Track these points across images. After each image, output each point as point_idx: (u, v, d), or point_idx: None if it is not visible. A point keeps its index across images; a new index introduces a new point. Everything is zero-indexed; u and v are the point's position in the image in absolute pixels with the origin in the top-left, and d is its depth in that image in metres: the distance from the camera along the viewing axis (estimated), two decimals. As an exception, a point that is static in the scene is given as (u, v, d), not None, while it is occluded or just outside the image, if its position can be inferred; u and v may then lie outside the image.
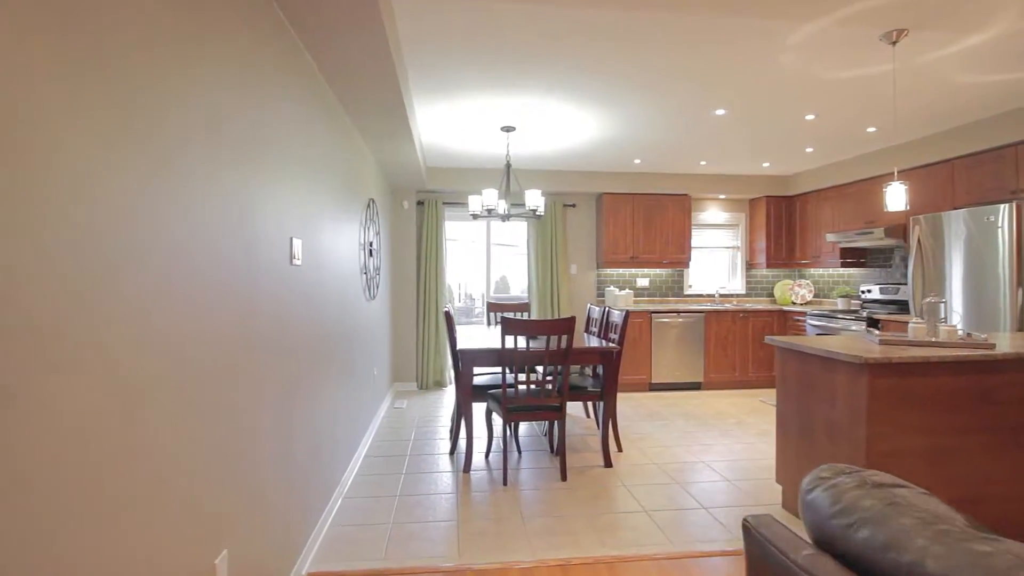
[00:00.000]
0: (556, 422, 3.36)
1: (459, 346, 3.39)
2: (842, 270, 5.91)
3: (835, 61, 2.92)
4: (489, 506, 2.87)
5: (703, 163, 5.51)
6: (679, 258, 6.12)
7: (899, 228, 4.71)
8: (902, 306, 4.96)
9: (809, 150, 4.93)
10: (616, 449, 3.77)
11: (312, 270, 2.47)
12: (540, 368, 3.82)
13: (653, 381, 5.76)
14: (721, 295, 6.54)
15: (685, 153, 5.10)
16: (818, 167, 5.72)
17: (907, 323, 4.40)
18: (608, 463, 3.43)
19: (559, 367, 3.24)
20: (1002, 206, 3.48)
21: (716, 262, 6.64)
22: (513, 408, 3.21)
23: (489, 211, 3.95)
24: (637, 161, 5.42)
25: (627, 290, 6.23)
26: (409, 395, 5.59)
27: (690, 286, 6.51)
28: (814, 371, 2.58)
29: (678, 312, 5.79)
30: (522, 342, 3.50)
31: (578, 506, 2.87)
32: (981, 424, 2.37)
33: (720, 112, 3.76)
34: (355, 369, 3.53)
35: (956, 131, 4.16)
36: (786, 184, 6.26)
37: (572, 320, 3.16)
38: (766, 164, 5.59)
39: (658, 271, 6.43)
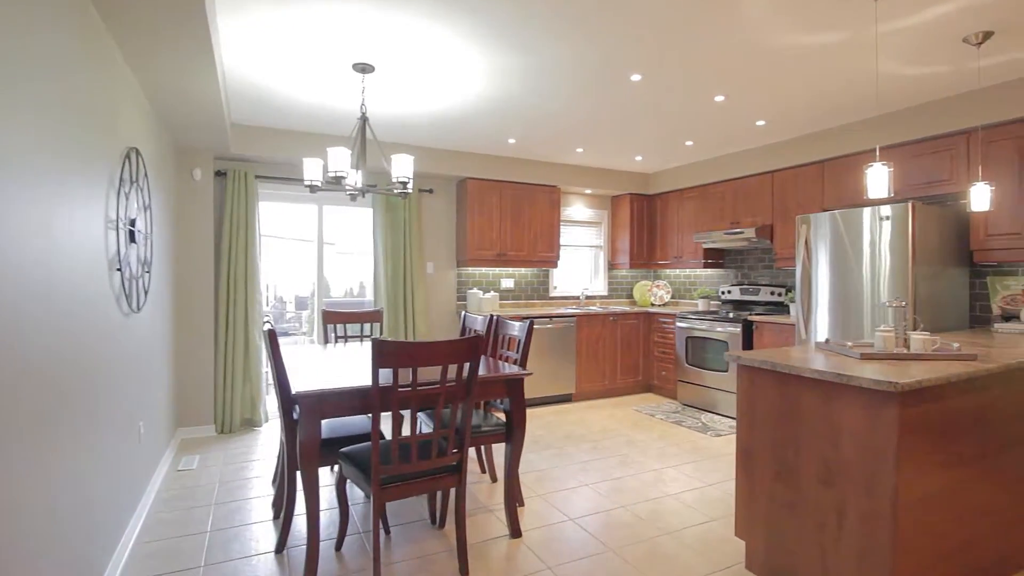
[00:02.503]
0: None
1: (296, 387, 2.13)
2: (698, 271, 5.90)
3: (783, 27, 2.43)
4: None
5: (580, 150, 4.93)
6: (549, 256, 5.49)
7: (767, 228, 4.68)
8: (766, 307, 5.00)
9: (689, 143, 4.67)
10: (517, 503, 2.87)
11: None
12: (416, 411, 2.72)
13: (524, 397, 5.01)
14: (586, 297, 6.11)
15: (568, 135, 4.44)
16: (682, 165, 5.59)
17: (778, 324, 4.39)
18: (516, 531, 2.50)
19: (460, 407, 2.21)
20: (865, 210, 3.46)
21: (580, 262, 6.20)
22: (390, 480, 2.09)
23: (337, 179, 2.72)
24: (512, 141, 4.61)
25: (492, 292, 5.41)
26: (203, 445, 3.95)
27: (555, 287, 5.95)
28: (804, 398, 2.00)
29: (550, 317, 5.14)
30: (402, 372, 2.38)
31: (500, 624, 1.89)
32: (980, 450, 2.03)
33: (636, 78, 3.11)
34: (98, 422, 2.03)
35: (827, 133, 4.18)
36: (648, 182, 6.08)
37: (478, 340, 2.16)
38: (639, 158, 5.25)
39: (523, 271, 5.73)
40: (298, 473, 2.57)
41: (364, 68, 2.98)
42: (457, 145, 4.81)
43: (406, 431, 3.82)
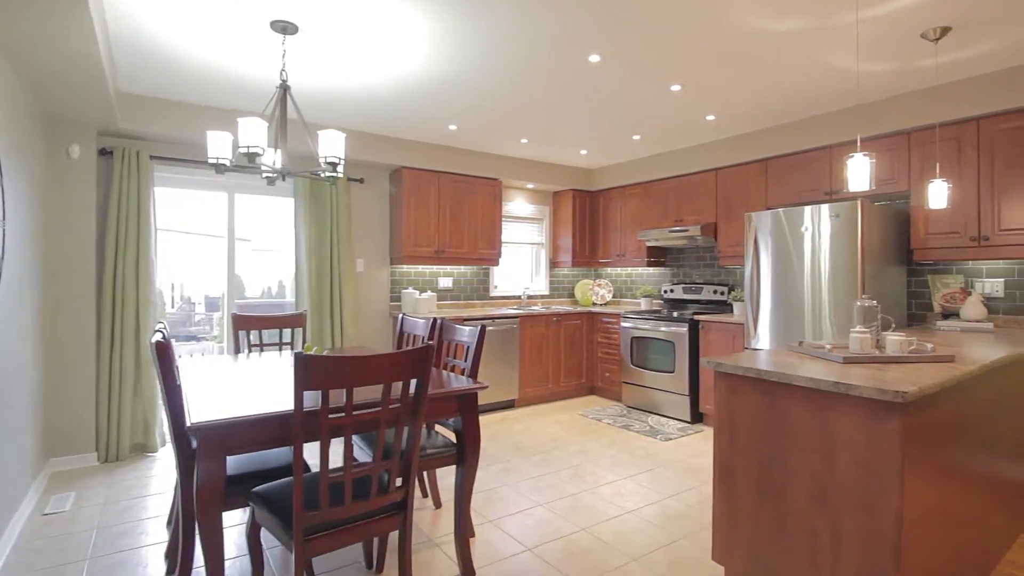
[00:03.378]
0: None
1: (194, 415, 1.67)
2: (639, 270, 5.81)
3: (754, 8, 2.27)
4: None
5: (525, 141, 4.65)
6: (490, 254, 5.17)
7: (711, 226, 4.63)
8: (708, 306, 4.96)
9: (636, 138, 4.51)
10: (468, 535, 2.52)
11: None
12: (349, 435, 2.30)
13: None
14: (528, 297, 5.85)
15: (515, 123, 4.13)
16: (626, 161, 5.47)
17: (726, 323, 4.34)
18: (469, 571, 2.16)
19: (406, 430, 1.84)
20: (807, 208, 3.45)
21: (521, 260, 5.93)
22: (317, 529, 1.69)
23: (250, 156, 2.25)
24: (453, 127, 4.24)
25: (429, 292, 5.01)
26: (81, 478, 3.28)
27: (495, 287, 5.65)
28: (793, 410, 1.82)
29: (492, 318, 4.82)
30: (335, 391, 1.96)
31: None
32: (965, 455, 1.93)
33: (594, 58, 2.86)
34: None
35: (771, 131, 4.16)
36: (591, 178, 5.92)
37: (428, 352, 1.80)
38: (584, 152, 5.05)
39: (463, 270, 5.37)
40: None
41: (285, 28, 2.51)
42: (392, 130, 4.37)
43: (337, 461, 3.39)
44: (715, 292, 4.88)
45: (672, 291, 5.27)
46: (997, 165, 3.03)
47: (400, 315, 3.29)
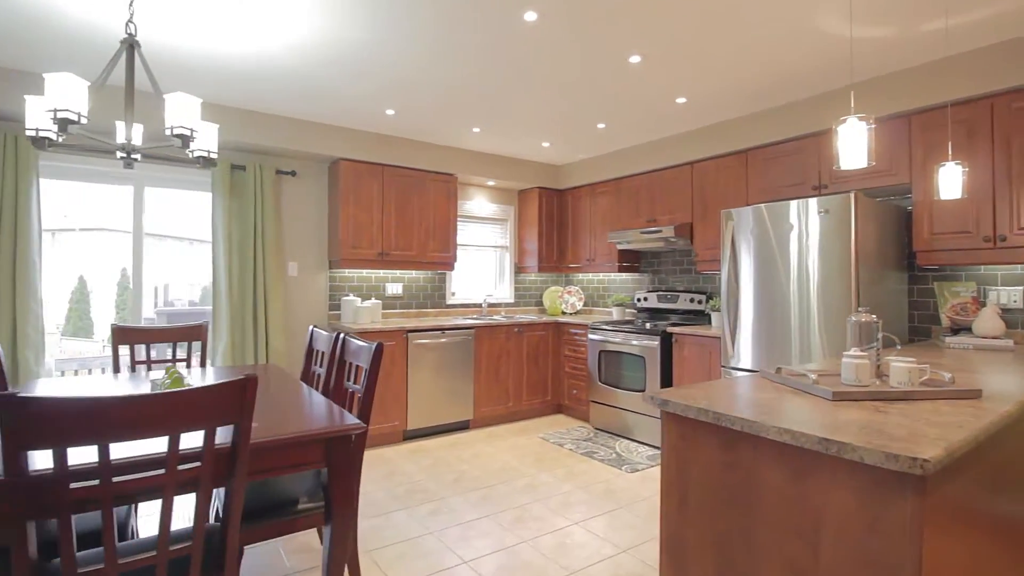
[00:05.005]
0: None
1: None
2: (613, 276, 5.30)
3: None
4: None
5: (476, 130, 4.14)
6: (443, 257, 4.64)
7: (685, 227, 4.13)
8: (684, 316, 4.46)
9: (601, 126, 4.01)
10: (357, 609, 1.98)
11: None
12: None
13: (409, 427, 4.12)
14: (489, 305, 5.32)
15: (459, 107, 3.62)
16: (595, 156, 4.97)
17: (702, 336, 3.81)
18: (339, 671, 1.62)
19: (226, 492, 1.31)
20: (794, 203, 2.96)
21: (482, 264, 5.40)
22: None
23: (62, 124, 1.71)
24: (390, 112, 3.72)
25: (373, 300, 4.47)
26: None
27: (453, 294, 5.12)
28: (760, 470, 1.30)
29: (442, 329, 4.29)
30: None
31: None
32: (992, 524, 1.42)
33: (530, 17, 2.35)
34: None
35: (751, 118, 3.67)
36: (559, 175, 5.41)
37: (247, 385, 1.27)
38: (546, 144, 4.55)
39: (415, 274, 4.84)
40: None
41: (131, -32, 1.99)
42: (326, 117, 3.85)
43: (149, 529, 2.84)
44: (692, 301, 4.37)
45: (646, 299, 4.76)
46: (1015, 151, 2.55)
47: (311, 328, 2.75)
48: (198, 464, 1.25)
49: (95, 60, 2.86)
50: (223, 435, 1.41)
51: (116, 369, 2.80)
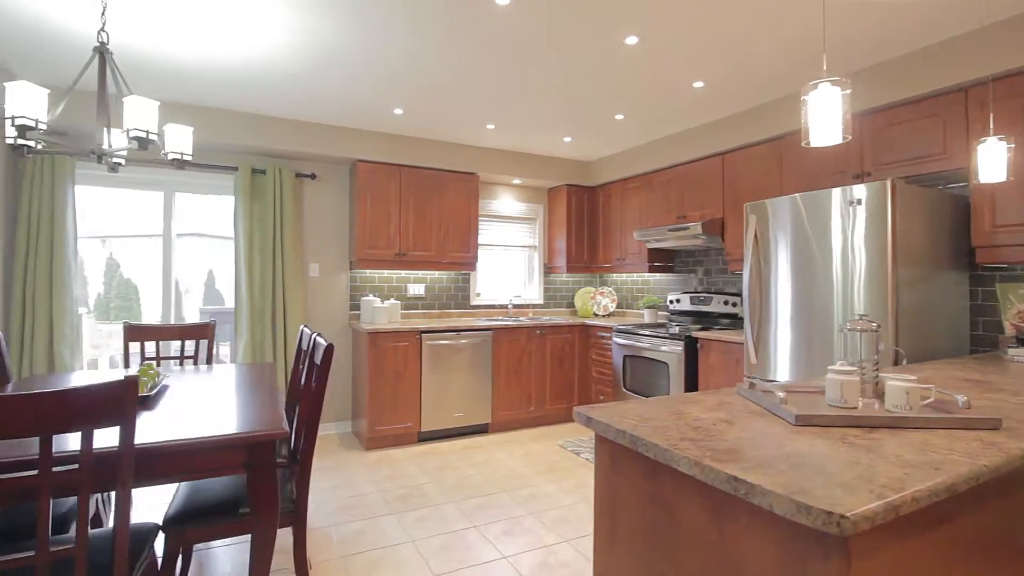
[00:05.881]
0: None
1: None
2: (647, 276, 5.00)
3: None
4: None
5: (490, 126, 4.02)
6: (463, 257, 4.56)
7: (716, 223, 3.79)
8: (718, 319, 4.10)
9: (619, 117, 3.76)
10: (305, 620, 1.92)
11: None
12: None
13: (423, 429, 4.07)
14: (515, 306, 5.18)
15: (466, 105, 3.52)
16: (625, 150, 4.70)
17: (729, 343, 3.49)
18: None
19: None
20: (835, 191, 2.56)
21: (510, 265, 5.27)
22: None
23: (21, 130, 1.77)
24: (398, 111, 3.69)
25: (392, 300, 4.47)
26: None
27: (478, 294, 5.02)
28: (681, 506, 1.08)
29: (458, 331, 4.20)
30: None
31: None
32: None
33: (503, 1, 2.20)
34: None
35: (783, 101, 3.30)
36: (588, 171, 5.18)
37: (127, 386, 1.22)
38: (568, 139, 4.35)
39: (438, 275, 4.80)
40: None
41: (105, -23, 2.04)
42: (339, 119, 3.88)
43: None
44: (726, 303, 4.01)
45: (679, 301, 4.44)
46: (1100, 123, 2.08)
47: (301, 328, 2.74)
48: (76, 466, 1.22)
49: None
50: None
51: (127, 364, 2.94)
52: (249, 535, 1.82)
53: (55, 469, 1.21)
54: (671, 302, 4.51)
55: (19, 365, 3.29)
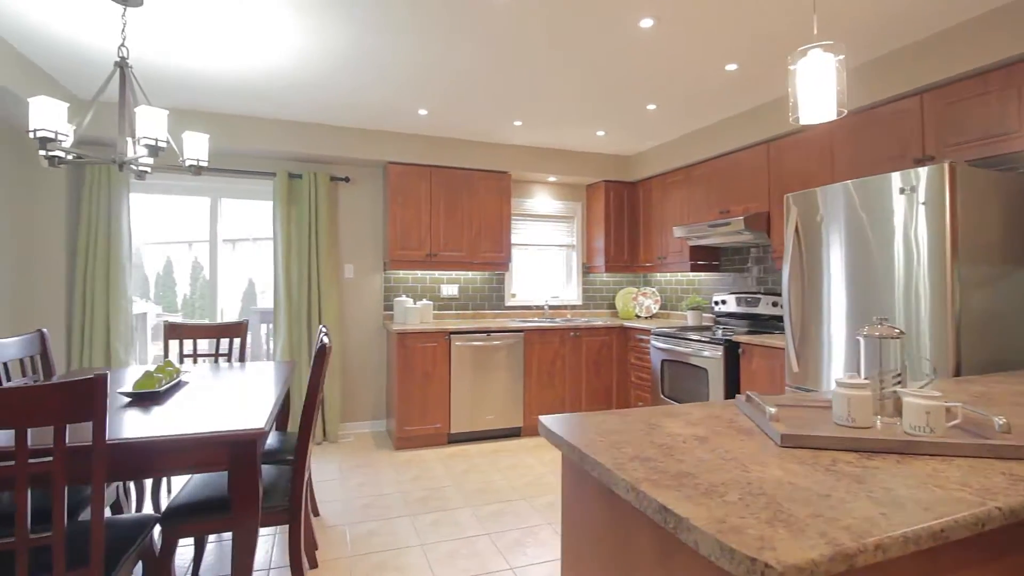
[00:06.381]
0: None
1: None
2: (692, 276, 4.73)
3: None
4: None
5: (518, 123, 3.94)
6: (495, 257, 4.50)
7: (761, 217, 3.50)
8: (766, 323, 3.80)
9: (651, 107, 3.57)
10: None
11: None
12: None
13: (453, 431, 4.05)
14: (551, 307, 5.06)
15: (486, 100, 3.46)
16: (664, 143, 4.47)
17: (773, 348, 3.20)
18: None
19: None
20: (895, 175, 2.25)
21: (547, 265, 5.16)
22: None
23: (42, 142, 1.89)
24: (423, 112, 3.69)
25: (425, 301, 4.48)
26: None
27: (514, 295, 4.95)
28: (635, 535, 0.95)
29: (488, 332, 4.14)
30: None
31: None
32: None
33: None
34: None
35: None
36: (628, 166, 4.98)
37: (96, 383, 1.25)
38: (601, 132, 4.19)
39: (471, 275, 4.77)
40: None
41: (125, -5, 2.15)
42: (368, 122, 3.94)
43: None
44: (775, 305, 3.70)
45: (724, 302, 4.16)
46: None
47: (320, 328, 2.78)
48: (49, 459, 1.26)
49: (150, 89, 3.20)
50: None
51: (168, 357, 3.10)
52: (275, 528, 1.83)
53: (31, 460, 1.26)
54: (716, 303, 4.23)
55: (79, 360, 3.57)
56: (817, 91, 1.02)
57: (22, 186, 3.40)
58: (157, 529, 2.04)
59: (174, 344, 3.33)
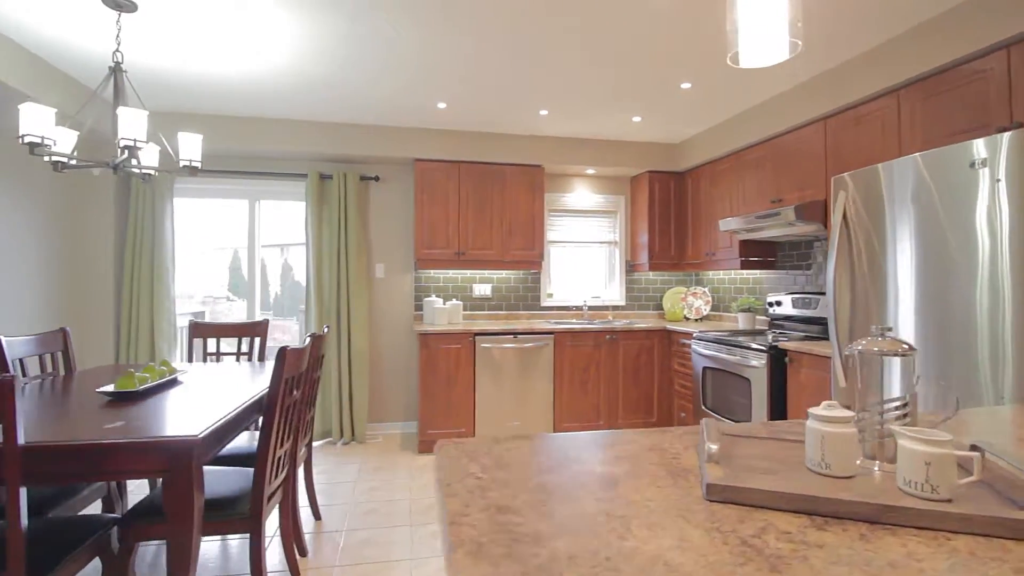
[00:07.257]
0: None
1: None
2: (746, 273, 4.26)
3: None
4: None
5: (544, 112, 3.71)
6: (527, 256, 4.30)
7: (816, 206, 3.04)
8: (824, 327, 3.31)
9: (686, 86, 3.21)
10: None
11: None
12: None
13: (477, 436, 3.88)
14: (592, 308, 4.77)
15: (505, 91, 3.27)
16: (712, 127, 4.05)
17: (824, 357, 2.72)
18: None
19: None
20: (976, 143, 1.78)
21: (589, 263, 4.88)
22: None
23: (31, 147, 1.94)
24: (442, 105, 3.56)
25: (454, 301, 4.37)
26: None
27: (550, 295, 4.72)
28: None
29: (515, 334, 3.95)
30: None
31: None
32: None
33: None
34: None
35: (904, 38, 2.51)
36: (675, 155, 4.58)
37: (5, 386, 1.21)
38: (637, 118, 3.85)
39: (504, 274, 4.59)
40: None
41: (120, 4, 2.19)
42: (392, 120, 3.88)
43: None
44: (836, 306, 3.20)
45: (779, 304, 3.68)
46: None
47: (325, 328, 2.73)
48: (-48, 466, 1.23)
49: (152, 92, 3.32)
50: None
51: (190, 359, 3.20)
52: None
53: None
54: (771, 305, 3.76)
55: (126, 355, 3.79)
56: (759, 24, 0.74)
57: (75, 193, 3.67)
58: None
59: (199, 343, 3.44)
